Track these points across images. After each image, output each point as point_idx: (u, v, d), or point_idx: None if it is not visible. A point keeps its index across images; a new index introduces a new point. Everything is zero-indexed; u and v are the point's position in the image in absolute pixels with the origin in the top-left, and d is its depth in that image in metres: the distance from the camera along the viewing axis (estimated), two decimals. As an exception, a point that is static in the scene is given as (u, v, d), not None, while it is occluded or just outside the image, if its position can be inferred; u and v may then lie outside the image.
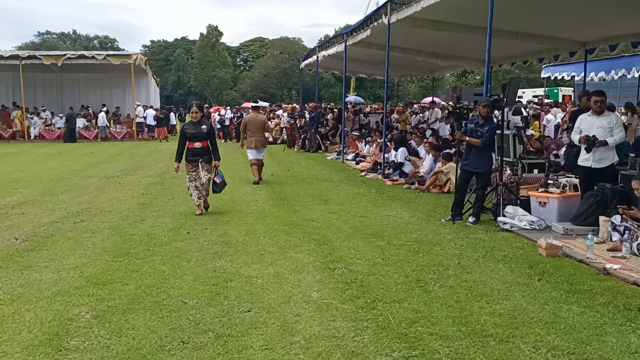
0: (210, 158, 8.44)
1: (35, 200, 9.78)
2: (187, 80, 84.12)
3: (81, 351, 3.72)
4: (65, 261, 5.91)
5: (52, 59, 28.18)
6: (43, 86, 33.02)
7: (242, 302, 4.66)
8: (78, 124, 28.78)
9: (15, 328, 4.10)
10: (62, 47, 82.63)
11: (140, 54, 30.67)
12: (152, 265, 5.74)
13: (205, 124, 8.48)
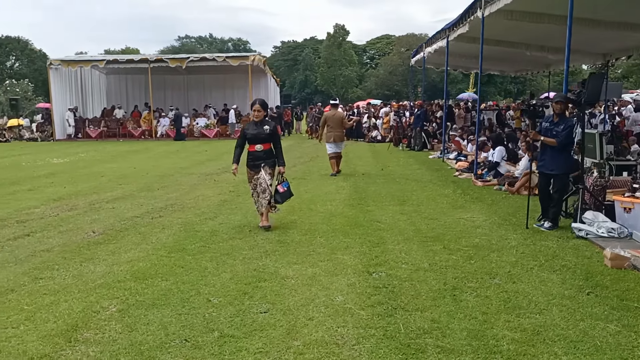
0: (274, 163, 7.51)
1: (130, 196, 10.44)
2: (313, 79, 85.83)
3: (89, 343, 3.91)
4: (124, 255, 6.25)
5: (177, 62, 29.97)
6: (172, 87, 35.16)
7: (263, 302, 4.67)
8: (200, 123, 30.40)
9: (45, 317, 4.40)
10: (199, 50, 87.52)
11: (258, 55, 31.70)
12: (199, 261, 5.92)
13: (269, 124, 7.45)
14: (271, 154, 7.51)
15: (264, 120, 7.47)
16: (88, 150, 22.16)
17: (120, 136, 29.94)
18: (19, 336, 4.04)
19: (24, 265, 5.88)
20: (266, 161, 7.43)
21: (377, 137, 24.88)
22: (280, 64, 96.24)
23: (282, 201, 7.53)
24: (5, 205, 9.65)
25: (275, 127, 7.53)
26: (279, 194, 7.47)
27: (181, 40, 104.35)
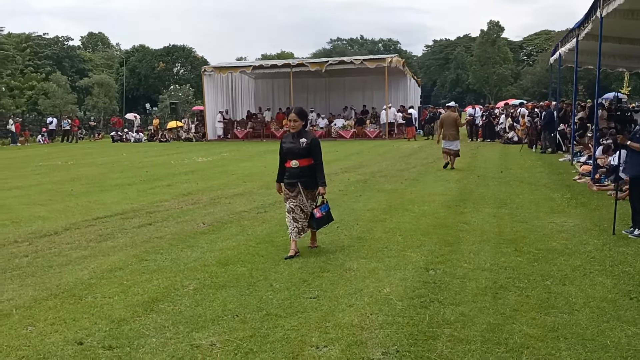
0: (313, 182, 6.45)
1: (249, 192, 11.45)
2: (465, 77, 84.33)
3: (161, 313, 4.72)
4: (219, 244, 7.11)
5: (316, 65, 31.31)
6: (314, 90, 36.69)
7: (317, 290, 5.21)
8: (337, 124, 31.46)
9: (135, 291, 5.30)
10: (349, 52, 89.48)
11: (396, 56, 32.13)
12: (279, 252, 6.60)
13: (307, 136, 6.41)
14: (309, 171, 6.45)
15: (301, 132, 6.46)
16: (231, 150, 24.02)
17: (264, 137, 31.85)
18: (110, 304, 4.95)
19: (136, 249, 6.94)
20: (302, 180, 6.43)
21: (512, 139, 24.26)
22: (431, 63, 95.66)
23: (317, 227, 6.61)
24: (144, 198, 11.07)
25: (314, 140, 6.47)
26: (315, 220, 6.46)
27: (333, 43, 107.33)
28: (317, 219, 6.46)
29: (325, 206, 6.52)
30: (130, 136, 36.48)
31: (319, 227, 6.64)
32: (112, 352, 3.93)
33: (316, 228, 6.63)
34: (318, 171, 6.45)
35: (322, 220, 6.52)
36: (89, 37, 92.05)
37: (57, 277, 5.80)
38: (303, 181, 6.45)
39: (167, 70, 68.30)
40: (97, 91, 53.83)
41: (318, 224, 6.55)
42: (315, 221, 6.48)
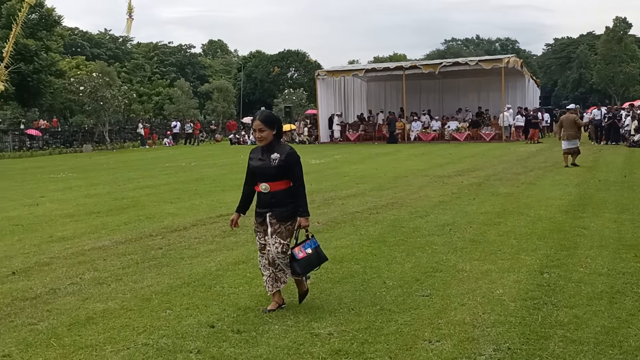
0: (289, 213, 4.80)
1: (361, 194, 11.73)
2: (589, 77, 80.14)
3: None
4: (333, 242, 7.41)
5: (430, 67, 31.15)
6: (427, 92, 36.47)
7: (429, 288, 5.36)
8: (451, 127, 31.09)
9: (258, 283, 5.68)
10: (465, 53, 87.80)
11: (514, 56, 31.29)
12: (392, 252, 6.80)
13: (280, 150, 4.77)
14: (284, 198, 4.79)
15: (273, 145, 4.78)
16: (343, 153, 24.47)
17: (375, 139, 32.08)
18: (236, 294, 5.39)
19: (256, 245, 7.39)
20: (274, 210, 4.78)
21: (639, 142, 22.88)
22: (551, 63, 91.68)
23: (302, 273, 4.86)
24: (261, 198, 11.65)
25: (291, 156, 4.76)
26: (297, 262, 4.79)
27: (447, 44, 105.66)
28: (300, 260, 4.77)
29: (311, 244, 4.89)
30: (247, 139, 38.02)
31: (304, 272, 4.89)
32: (240, 336, 4.32)
33: (301, 274, 4.86)
34: (298, 197, 4.80)
35: (308, 261, 4.83)
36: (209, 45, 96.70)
37: (188, 267, 6.35)
38: (275, 212, 4.76)
39: (282, 75, 70.39)
40: (217, 96, 56.53)
41: (303, 268, 4.81)
42: (298, 264, 4.78)
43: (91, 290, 5.61)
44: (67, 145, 40.08)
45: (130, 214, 10.10)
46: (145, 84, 67.05)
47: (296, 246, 4.87)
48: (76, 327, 4.58)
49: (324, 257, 5.02)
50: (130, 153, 33.49)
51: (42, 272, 6.35)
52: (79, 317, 4.82)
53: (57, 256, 7.10)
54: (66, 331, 4.49)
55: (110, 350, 4.10)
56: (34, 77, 41.83)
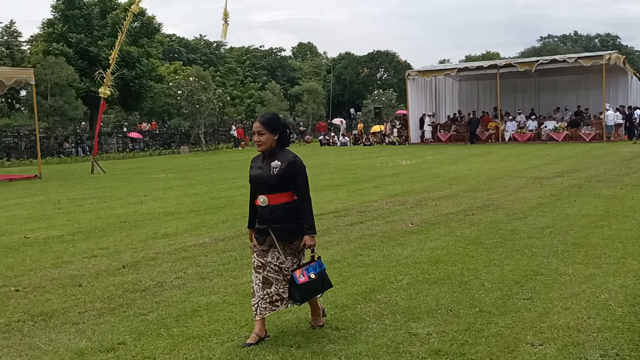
0: (292, 229, 4.22)
1: (455, 195, 11.54)
2: None
3: (377, 302, 5.09)
4: (428, 243, 7.35)
5: (525, 65, 30.18)
6: (522, 90, 35.31)
7: (530, 292, 5.22)
8: (548, 126, 29.95)
9: (354, 282, 5.76)
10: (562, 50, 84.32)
11: (616, 53, 29.77)
12: (489, 254, 6.66)
13: (281, 158, 4.21)
14: (285, 213, 4.20)
15: (274, 152, 4.24)
16: (435, 153, 24.16)
17: (467, 140, 31.42)
18: (332, 292, 5.41)
19: (351, 244, 7.46)
20: (273, 226, 4.18)
21: None
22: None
23: (300, 301, 4.24)
24: (353, 198, 11.73)
25: (293, 164, 4.19)
26: (296, 288, 4.19)
27: (543, 41, 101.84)
28: (300, 285, 4.16)
29: (315, 267, 4.29)
30: (336, 140, 38.30)
31: (303, 301, 4.26)
32: (339, 333, 4.38)
33: (300, 301, 4.24)
34: (302, 212, 4.21)
35: (309, 287, 4.21)
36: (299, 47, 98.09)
37: (285, 265, 6.50)
38: (276, 228, 4.18)
39: (371, 76, 70.33)
40: (306, 98, 57.26)
41: (302, 295, 4.20)
42: (297, 290, 4.17)
43: (195, 285, 5.86)
44: (165, 146, 41.90)
45: (227, 213, 10.44)
46: (238, 87, 68.99)
47: (298, 268, 4.22)
48: (183, 319, 4.80)
49: (329, 283, 4.43)
50: (224, 154, 34.56)
51: (149, 266, 6.70)
52: (185, 310, 5.05)
53: (161, 251, 7.47)
54: (174, 322, 4.72)
55: (215, 342, 4.27)
56: (136, 82, 44.11)
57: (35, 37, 50.25)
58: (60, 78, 37.86)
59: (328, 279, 4.45)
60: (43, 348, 4.27)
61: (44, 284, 6.03)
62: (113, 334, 4.50)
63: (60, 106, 38.49)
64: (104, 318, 4.91)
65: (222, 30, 26.07)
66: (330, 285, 4.50)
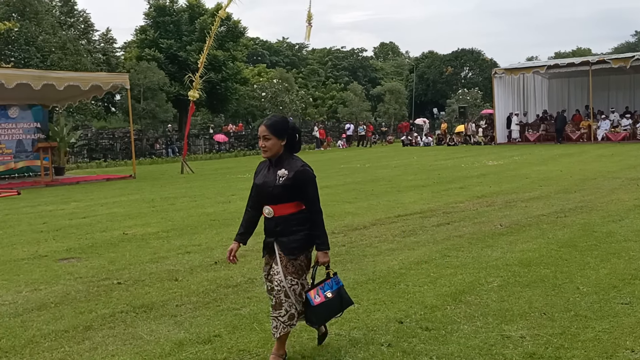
0: (299, 244, 3.82)
1: (545, 197, 11.18)
2: None
3: (467, 304, 5.03)
4: (519, 245, 7.17)
5: (620, 62, 28.85)
6: (616, 88, 33.73)
7: (629, 296, 5.00)
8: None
9: (442, 283, 5.71)
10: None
11: None
12: (583, 257, 6.43)
13: (289, 165, 3.84)
14: (292, 225, 3.83)
15: (282, 159, 3.87)
16: (523, 154, 23.47)
17: (558, 139, 30.31)
18: (421, 292, 5.44)
19: (438, 245, 7.40)
20: (281, 240, 3.83)
21: None
22: None
23: (317, 323, 3.96)
24: (438, 199, 11.60)
25: (302, 173, 3.82)
26: (312, 309, 3.81)
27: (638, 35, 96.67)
28: (316, 307, 3.78)
29: (332, 284, 3.90)
30: (419, 140, 37.93)
31: (321, 323, 3.99)
32: (429, 333, 4.37)
33: (316, 324, 3.97)
34: (313, 225, 3.84)
35: (327, 308, 3.84)
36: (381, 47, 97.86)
37: (371, 265, 6.54)
38: (282, 242, 3.82)
39: (455, 75, 69.16)
40: (388, 98, 57.03)
41: (319, 317, 3.88)
42: (313, 312, 3.81)
43: (284, 282, 5.99)
44: (250, 147, 42.90)
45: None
46: (320, 88, 69.63)
47: (313, 288, 3.82)
48: (274, 315, 4.93)
49: (349, 301, 4.00)
50: (307, 155, 34.96)
51: (239, 263, 6.86)
52: (276, 306, 5.17)
53: (250, 249, 7.63)
54: (266, 317, 4.85)
55: (306, 338, 4.36)
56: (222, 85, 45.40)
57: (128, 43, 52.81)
58: (152, 82, 39.54)
59: (348, 296, 4.01)
60: (145, 338, 4.51)
61: (143, 278, 6.35)
62: (209, 327, 4.69)
63: (152, 109, 40.16)
64: (199, 311, 5.12)
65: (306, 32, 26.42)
66: (350, 302, 4.03)
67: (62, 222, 10.74)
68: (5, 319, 5.10)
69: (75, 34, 44.70)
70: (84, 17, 47.53)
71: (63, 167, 24.13)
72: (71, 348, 4.37)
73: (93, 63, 41.94)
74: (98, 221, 10.64)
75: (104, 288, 5.98)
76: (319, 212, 3.87)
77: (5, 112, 22.52)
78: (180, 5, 48.70)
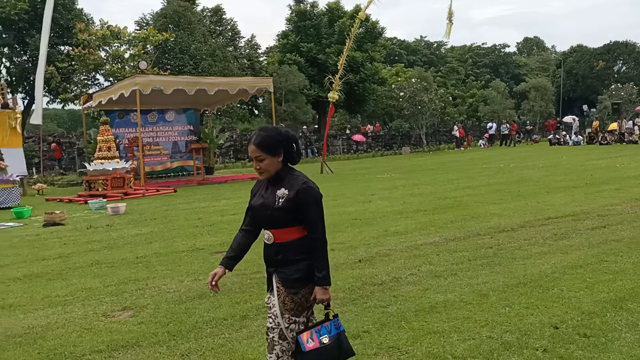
0: (300, 276, 3.19)
1: None
2: None
3: (631, 311, 4.70)
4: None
5: None
6: None
7: None
8: None
9: (600, 289, 5.37)
10: None
11: None
12: None
13: (291, 183, 3.19)
14: (295, 253, 3.21)
15: (280, 177, 3.24)
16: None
17: None
18: (577, 297, 5.17)
19: (593, 249, 6.97)
20: (279, 269, 3.24)
21: None
22: None
23: None
24: (592, 201, 10.92)
25: (304, 191, 3.17)
26: (304, 356, 3.12)
27: None
28: (308, 353, 3.11)
29: (332, 326, 3.20)
30: (568, 139, 35.87)
31: None
32: (587, 340, 4.14)
33: None
34: (315, 254, 3.19)
35: (320, 357, 3.11)
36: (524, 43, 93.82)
37: (521, 268, 6.30)
38: (281, 275, 3.23)
39: (607, 69, 64.57)
40: (534, 95, 54.42)
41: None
42: (304, 358, 3.13)
43: (430, 282, 5.96)
44: (387, 147, 42.96)
45: (455, 213, 10.39)
46: (459, 87, 68.04)
47: (306, 330, 3.16)
48: (422, 314, 4.92)
49: (349, 350, 3.23)
50: (446, 155, 34.39)
51: (383, 262, 6.97)
52: (423, 305, 5.17)
53: (394, 248, 7.71)
54: (413, 316, 4.86)
55: (456, 339, 4.31)
56: (360, 86, 45.88)
57: (270, 48, 54.92)
58: (293, 85, 40.89)
59: (349, 345, 3.24)
60: (297, 330, 4.70)
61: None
62: (357, 323, 4.78)
63: (293, 111, 41.51)
64: (347, 307, 5.23)
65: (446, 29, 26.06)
66: (351, 353, 3.24)
67: (215, 218, 11.44)
68: (171, 305, 5.56)
69: (223, 42, 47.35)
70: (231, 25, 50.25)
71: (212, 167, 25.67)
72: (230, 335, 4.66)
73: (239, 68, 44.24)
74: (247, 218, 11.19)
75: (257, 281, 6.29)
76: (320, 238, 3.18)
77: (163, 116, 24.42)
78: (320, 9, 49.88)
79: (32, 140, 33.77)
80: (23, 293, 6.32)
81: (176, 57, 38.36)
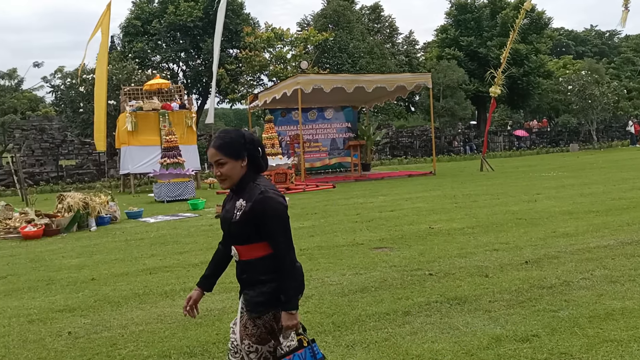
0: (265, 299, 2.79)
1: None
2: None
3: None
4: None
5: None
6: None
7: None
8: None
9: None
10: None
11: None
12: None
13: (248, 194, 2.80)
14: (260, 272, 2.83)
15: (242, 186, 2.87)
16: None
17: None
18: None
19: None
20: (246, 292, 2.88)
21: None
22: None
23: None
24: None
25: (262, 202, 2.75)
26: None
27: None
28: None
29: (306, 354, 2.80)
30: None
31: None
32: None
33: None
34: (281, 274, 2.79)
35: None
36: None
37: None
38: (246, 295, 2.88)
39: None
40: None
41: None
42: None
43: (605, 287, 5.55)
44: (553, 144, 40.65)
45: (632, 215, 9.57)
46: (635, 79, 62.46)
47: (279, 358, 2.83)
48: (596, 321, 4.60)
49: None
50: (620, 152, 31.80)
51: (551, 264, 6.61)
52: (597, 311, 4.83)
53: (563, 250, 7.28)
54: (587, 322, 4.57)
55: (636, 349, 3.98)
56: (524, 80, 43.91)
57: (428, 43, 54.28)
58: (451, 80, 40.09)
59: None
60: (462, 329, 4.61)
61: (453, 271, 6.49)
62: (525, 326, 4.58)
63: (451, 107, 40.69)
64: (513, 309, 5.04)
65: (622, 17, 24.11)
66: None
67: (373, 214, 11.57)
68: (335, 297, 5.71)
69: (381, 39, 47.62)
70: (389, 22, 50.39)
71: (369, 164, 25.97)
72: (393, 330, 4.69)
73: (396, 65, 44.25)
74: (405, 214, 11.20)
75: (417, 278, 6.27)
76: (285, 256, 2.77)
77: (322, 114, 25.15)
78: (481, 1, 48.38)
79: (203, 138, 36.44)
80: (200, 278, 6.85)
81: (335, 55, 39.27)
